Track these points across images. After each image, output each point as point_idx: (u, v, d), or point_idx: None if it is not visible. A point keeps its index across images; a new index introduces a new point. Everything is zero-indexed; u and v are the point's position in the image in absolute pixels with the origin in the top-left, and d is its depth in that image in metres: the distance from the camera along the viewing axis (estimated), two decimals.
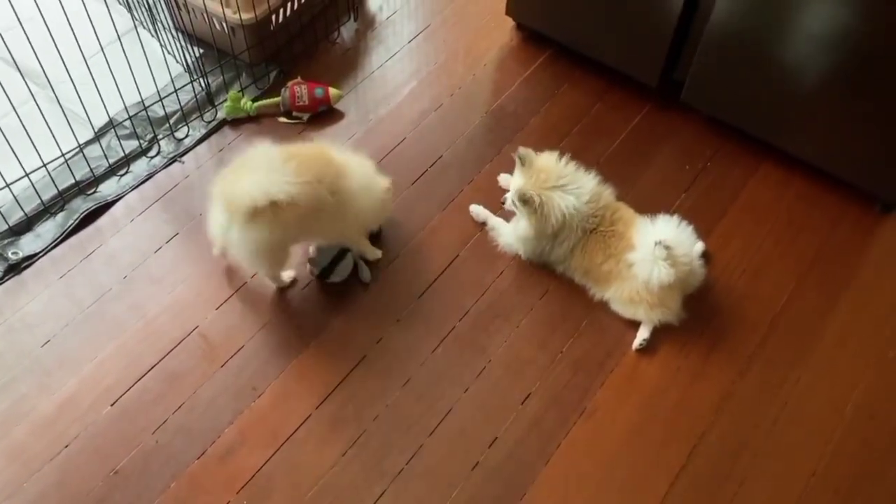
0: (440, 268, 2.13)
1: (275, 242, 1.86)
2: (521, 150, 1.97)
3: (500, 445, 1.84)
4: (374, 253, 2.12)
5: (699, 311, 2.04)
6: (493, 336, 2.01)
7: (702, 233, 2.12)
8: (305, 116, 2.45)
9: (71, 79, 2.07)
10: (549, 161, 1.99)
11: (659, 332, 2.00)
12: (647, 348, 1.98)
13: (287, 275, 2.07)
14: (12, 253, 2.13)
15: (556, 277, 2.09)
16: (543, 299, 2.08)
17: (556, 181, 1.95)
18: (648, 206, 2.06)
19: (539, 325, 2.03)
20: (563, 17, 2.52)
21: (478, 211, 2.21)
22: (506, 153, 2.35)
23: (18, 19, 1.89)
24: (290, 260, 2.00)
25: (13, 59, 1.97)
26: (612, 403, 1.90)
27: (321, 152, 1.93)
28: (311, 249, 2.07)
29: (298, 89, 2.43)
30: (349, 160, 1.98)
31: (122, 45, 2.15)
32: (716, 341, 2.01)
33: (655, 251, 1.84)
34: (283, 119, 2.45)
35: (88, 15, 2.03)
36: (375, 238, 2.17)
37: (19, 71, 2.00)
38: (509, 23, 2.71)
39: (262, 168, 1.81)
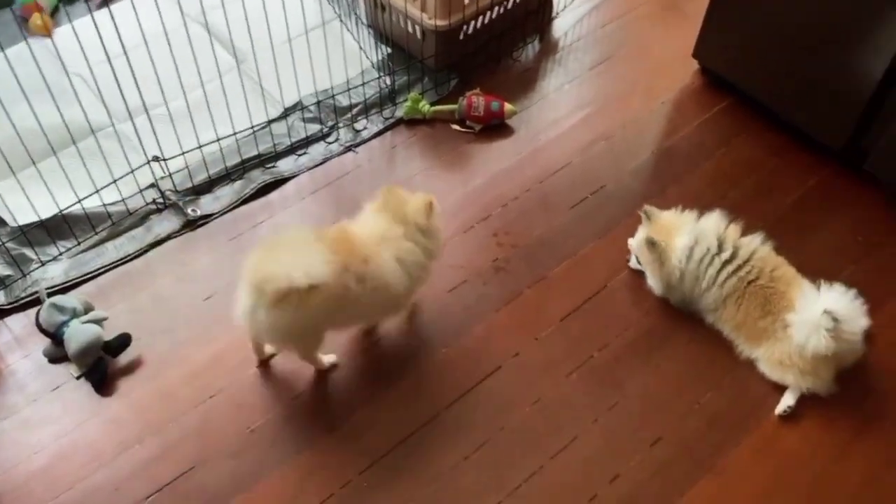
0: (587, 295, 2.13)
1: (303, 326, 1.76)
2: (647, 207, 2.04)
3: (621, 483, 1.81)
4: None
5: (853, 389, 1.94)
6: (631, 373, 1.98)
7: (875, 306, 2.02)
8: (477, 127, 2.51)
9: (274, 57, 2.21)
10: (672, 216, 2.05)
11: (806, 403, 1.92)
12: (791, 416, 1.90)
13: (328, 359, 1.96)
14: (191, 210, 2.29)
15: (704, 327, 2.04)
16: (688, 346, 2.03)
17: (679, 230, 1.99)
18: (814, 272, 1.97)
19: (679, 372, 1.99)
20: (752, 66, 2.47)
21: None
22: (670, 194, 2.32)
23: None
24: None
25: (229, 31, 2.12)
26: (744, 466, 1.84)
27: (347, 236, 1.81)
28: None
29: (476, 100, 2.49)
30: (379, 229, 1.84)
31: (324, 32, 2.28)
32: (866, 423, 1.90)
33: (822, 319, 1.77)
34: (455, 126, 2.52)
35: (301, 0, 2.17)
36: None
37: (231, 43, 2.15)
38: (694, 65, 2.68)
39: (292, 250, 1.73)
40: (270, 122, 2.40)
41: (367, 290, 1.77)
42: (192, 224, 2.28)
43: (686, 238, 1.98)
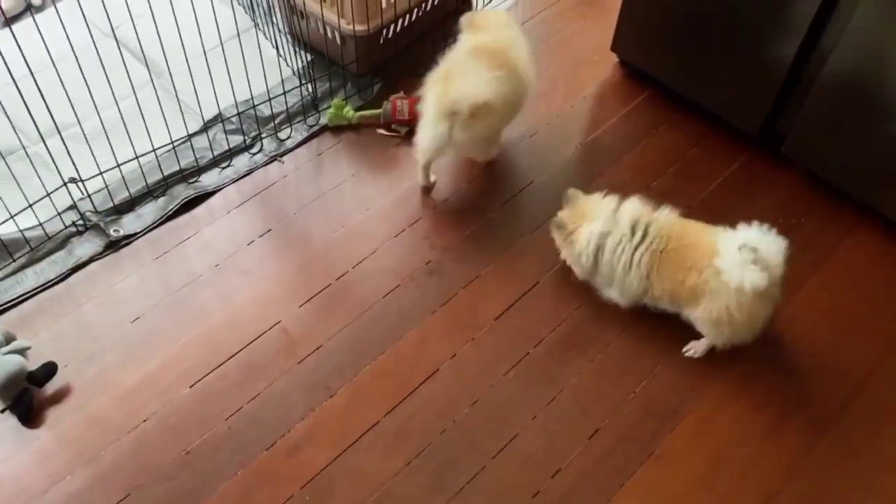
0: (520, 292, 2.14)
1: (491, 129, 2.24)
2: (571, 190, 2.09)
3: (563, 477, 1.83)
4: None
5: (780, 368, 2.01)
6: (567, 367, 2.00)
7: (792, 288, 2.09)
8: (404, 130, 2.50)
9: (189, 70, 2.17)
10: (592, 200, 2.07)
11: (736, 386, 1.97)
12: (722, 401, 1.94)
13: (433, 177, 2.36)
14: (114, 230, 2.23)
15: (635, 317, 2.08)
16: (620, 336, 2.06)
17: (594, 215, 2.02)
18: None
19: (613, 363, 2.02)
20: (668, 57, 2.52)
21: None
22: (596, 186, 2.34)
23: (151, 8, 2.00)
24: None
25: (140, 45, 2.08)
26: (680, 450, 1.87)
27: (492, 48, 2.20)
28: None
29: (400, 103, 2.48)
30: (501, 37, 2.25)
31: (240, 42, 2.24)
32: (795, 402, 1.96)
33: (742, 254, 1.78)
34: (381, 131, 2.51)
35: (214, 10, 2.12)
36: None
37: (144, 57, 2.11)
38: (613, 58, 2.72)
39: (467, 73, 2.11)
40: (191, 136, 2.36)
41: (520, 88, 2.23)
42: (115, 245, 2.22)
43: (597, 224, 1.99)
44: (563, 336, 2.06)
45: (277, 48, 2.61)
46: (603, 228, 1.99)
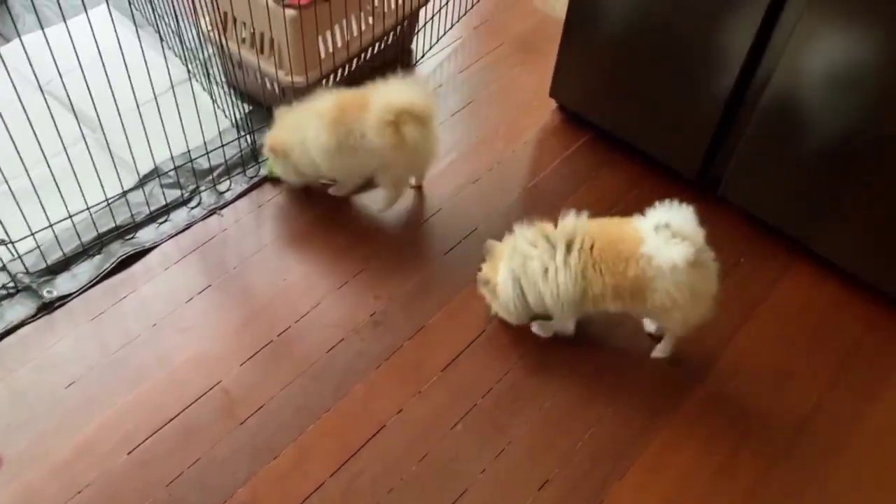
0: (466, 342, 2.13)
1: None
2: (488, 242, 2.11)
3: None
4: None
5: (725, 409, 2.02)
6: (515, 417, 1.99)
7: (731, 328, 2.12)
8: None
9: (122, 124, 2.13)
10: (502, 246, 2.08)
11: (683, 428, 1.98)
12: (670, 444, 1.95)
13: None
14: (47, 291, 2.16)
15: (583, 360, 2.08)
16: (568, 380, 2.06)
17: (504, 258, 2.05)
18: None
19: (562, 409, 2.01)
20: (606, 102, 2.56)
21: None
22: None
23: (80, 63, 1.95)
24: None
25: (70, 100, 2.03)
26: (630, 497, 1.87)
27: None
28: None
29: None
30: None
31: (175, 95, 2.21)
32: (741, 441, 1.97)
33: (660, 235, 1.81)
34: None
35: (146, 63, 2.09)
36: None
37: (74, 112, 2.06)
38: (552, 104, 2.76)
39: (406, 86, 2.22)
40: (126, 192, 2.30)
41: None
42: (48, 307, 2.14)
43: (504, 265, 2.02)
44: (510, 385, 2.05)
45: (214, 99, 2.58)
46: (512, 265, 2.00)
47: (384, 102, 2.15)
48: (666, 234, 1.81)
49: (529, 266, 1.98)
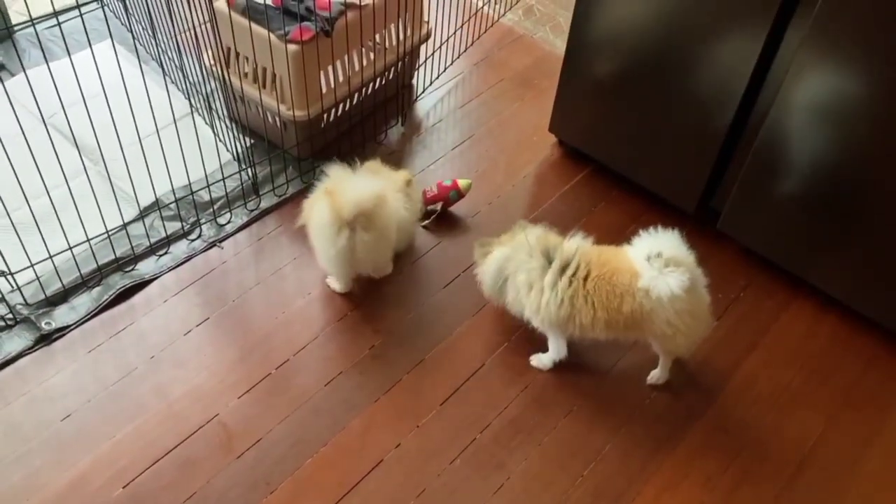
0: (465, 376, 2.12)
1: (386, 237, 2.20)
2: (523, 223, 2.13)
3: None
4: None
5: (725, 447, 2.00)
6: (514, 452, 1.97)
7: (732, 363, 2.12)
8: (439, 205, 2.51)
9: (124, 157, 2.14)
10: (522, 234, 2.08)
11: (684, 464, 1.96)
12: (671, 481, 1.93)
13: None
14: (45, 323, 2.15)
15: (583, 395, 2.07)
16: (568, 418, 2.05)
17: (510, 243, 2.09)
18: None
19: (561, 445, 1.99)
20: (604, 137, 2.58)
21: None
22: None
23: (83, 96, 1.97)
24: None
25: (72, 133, 2.05)
26: None
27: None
28: None
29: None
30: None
31: (176, 128, 2.23)
32: (742, 478, 1.95)
33: (653, 265, 1.81)
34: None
35: (149, 97, 2.11)
36: None
37: (76, 145, 2.07)
38: (551, 139, 2.77)
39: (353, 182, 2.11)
40: (126, 224, 2.31)
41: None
42: (46, 338, 2.14)
43: (504, 249, 2.06)
44: (510, 419, 2.04)
45: (216, 132, 2.60)
46: (508, 252, 2.03)
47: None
48: (659, 264, 1.81)
49: (518, 277, 2.00)
